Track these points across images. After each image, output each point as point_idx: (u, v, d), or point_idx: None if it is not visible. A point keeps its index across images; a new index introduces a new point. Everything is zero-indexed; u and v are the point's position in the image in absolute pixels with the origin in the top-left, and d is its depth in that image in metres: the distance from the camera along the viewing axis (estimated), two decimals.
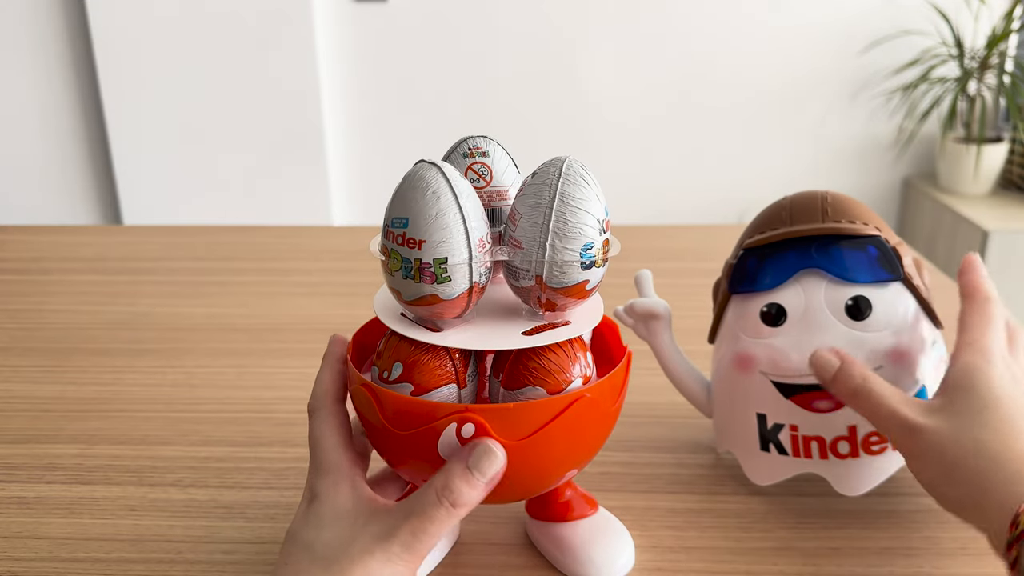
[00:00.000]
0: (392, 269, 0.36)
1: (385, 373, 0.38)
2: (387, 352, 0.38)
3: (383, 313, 0.40)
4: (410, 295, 0.37)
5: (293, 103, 2.10)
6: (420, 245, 0.35)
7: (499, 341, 0.37)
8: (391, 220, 0.36)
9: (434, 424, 0.36)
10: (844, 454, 0.47)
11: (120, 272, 0.89)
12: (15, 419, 0.60)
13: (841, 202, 0.49)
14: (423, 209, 0.35)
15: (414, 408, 0.36)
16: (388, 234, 0.36)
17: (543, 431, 0.36)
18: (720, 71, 2.19)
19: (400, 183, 0.36)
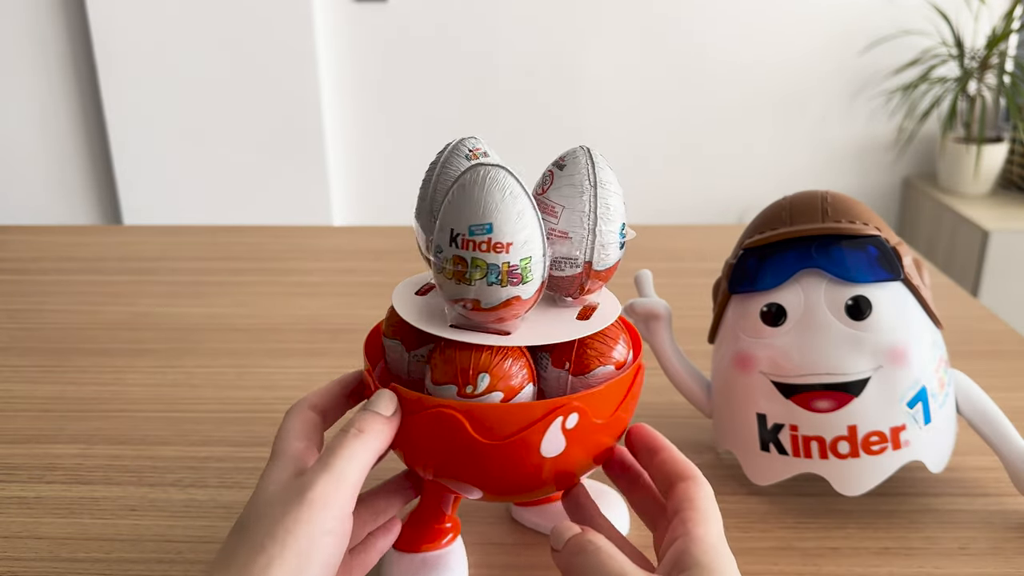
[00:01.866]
0: (473, 278, 0.35)
1: (469, 388, 0.36)
2: (458, 364, 0.37)
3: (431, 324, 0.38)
4: (492, 301, 0.35)
5: (293, 103, 2.10)
6: (508, 248, 0.35)
7: (562, 332, 0.38)
8: (469, 228, 0.34)
9: (540, 422, 0.36)
10: (844, 454, 0.47)
11: (120, 272, 0.89)
12: (15, 419, 0.60)
13: (841, 202, 0.49)
14: (506, 212, 0.34)
15: (515, 414, 0.36)
16: (465, 243, 0.35)
17: (622, 405, 0.39)
18: (720, 71, 2.19)
19: (465, 189, 0.35)
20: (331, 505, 0.33)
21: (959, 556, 0.46)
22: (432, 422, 0.36)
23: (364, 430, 0.35)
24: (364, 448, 0.35)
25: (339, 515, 0.33)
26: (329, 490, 0.33)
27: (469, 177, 0.35)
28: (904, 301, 0.47)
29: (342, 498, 0.33)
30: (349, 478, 0.34)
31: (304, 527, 0.32)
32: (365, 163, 2.26)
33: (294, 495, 0.33)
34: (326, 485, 0.33)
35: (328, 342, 0.72)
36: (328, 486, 0.33)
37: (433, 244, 0.36)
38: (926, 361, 0.47)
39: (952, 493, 0.51)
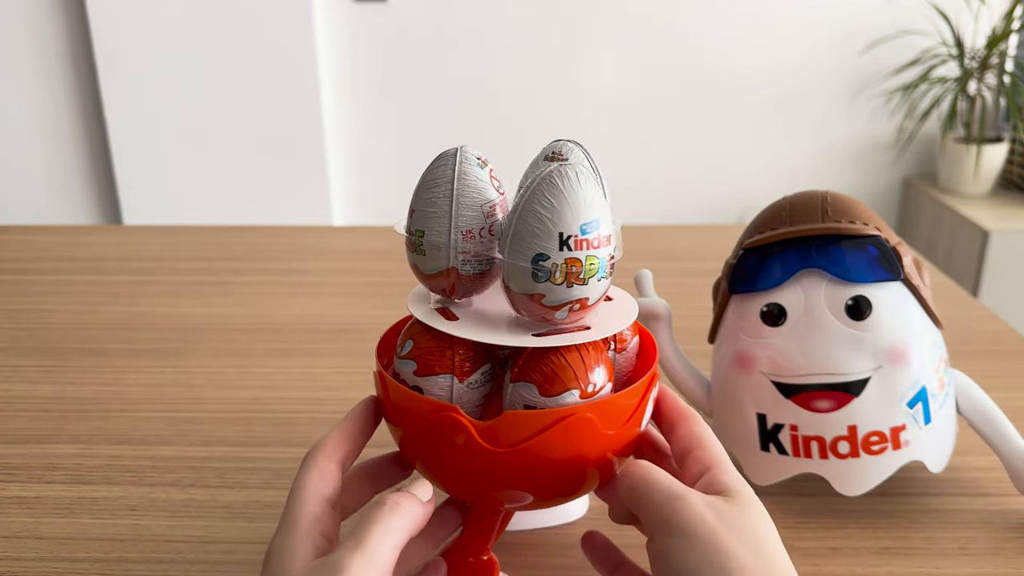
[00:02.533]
0: (587, 276, 0.35)
1: (590, 387, 0.36)
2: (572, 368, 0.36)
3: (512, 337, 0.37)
4: (558, 299, 0.35)
5: (293, 103, 2.10)
6: (609, 239, 0.35)
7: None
8: (581, 227, 0.34)
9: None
10: (844, 454, 0.47)
11: (120, 272, 0.89)
12: (15, 419, 0.60)
13: (841, 202, 0.49)
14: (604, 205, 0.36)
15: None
16: (579, 243, 0.34)
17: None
18: (720, 71, 2.19)
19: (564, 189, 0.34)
20: None
21: (959, 556, 0.46)
22: None
23: (401, 504, 0.33)
24: (399, 525, 0.32)
25: None
26: (365, 573, 0.30)
27: (559, 178, 0.34)
28: (904, 301, 0.47)
29: None
30: (384, 558, 0.31)
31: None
32: (365, 163, 2.26)
33: (324, 573, 0.30)
34: (362, 568, 0.30)
35: (328, 342, 0.72)
36: (365, 569, 0.30)
37: (526, 254, 0.35)
38: (926, 361, 0.47)
39: (952, 493, 0.51)
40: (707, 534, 0.31)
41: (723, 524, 0.31)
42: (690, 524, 0.31)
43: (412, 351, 0.37)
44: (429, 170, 0.38)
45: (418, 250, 0.37)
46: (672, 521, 0.32)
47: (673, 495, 0.33)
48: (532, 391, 0.36)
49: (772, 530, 0.33)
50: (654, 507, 0.33)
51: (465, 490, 0.38)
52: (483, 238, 0.37)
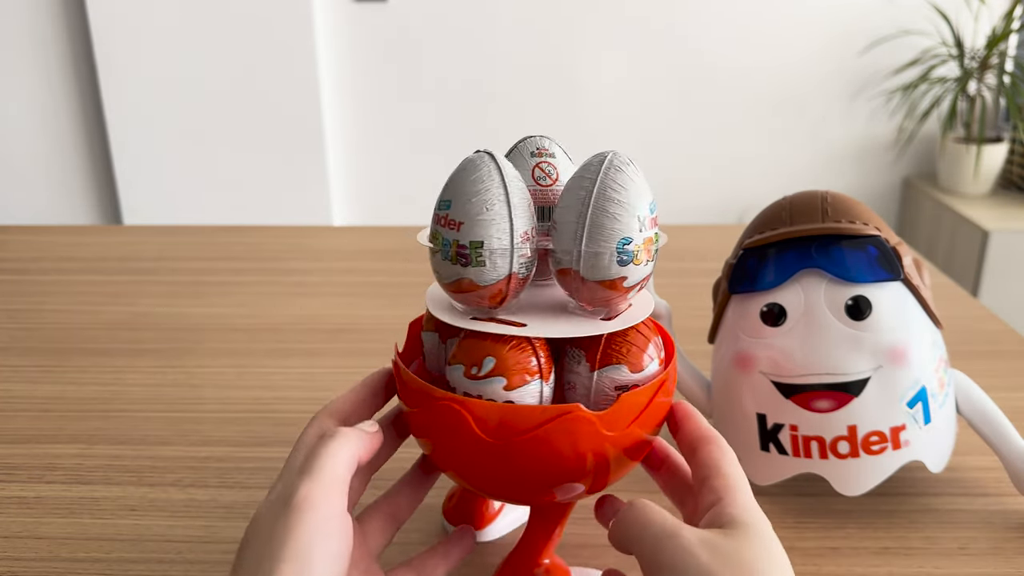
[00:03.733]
0: (655, 252, 0.37)
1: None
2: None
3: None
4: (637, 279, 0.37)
5: (293, 103, 2.10)
6: None
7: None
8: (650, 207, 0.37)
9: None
10: (844, 454, 0.47)
11: (120, 272, 0.89)
12: (15, 419, 0.60)
13: (841, 202, 0.49)
14: None
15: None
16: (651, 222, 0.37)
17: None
18: (720, 71, 2.19)
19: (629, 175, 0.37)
20: (317, 506, 0.32)
21: (959, 556, 0.46)
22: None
23: (343, 431, 0.35)
24: (345, 449, 0.34)
25: (328, 515, 0.32)
26: (313, 492, 0.32)
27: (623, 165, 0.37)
28: (904, 301, 0.47)
29: (328, 498, 0.33)
30: (330, 477, 0.33)
31: (295, 532, 0.31)
32: (365, 163, 2.26)
33: (281, 505, 0.32)
34: (308, 488, 0.32)
35: (328, 342, 0.72)
36: (311, 489, 0.32)
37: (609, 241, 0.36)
38: (926, 361, 0.47)
39: (952, 493, 0.51)
40: (697, 570, 0.30)
41: (716, 560, 0.31)
42: (680, 562, 0.31)
43: (496, 368, 0.36)
44: (470, 177, 0.36)
45: (475, 262, 0.35)
46: (663, 560, 0.32)
47: (665, 534, 0.32)
48: (623, 371, 0.37)
49: (776, 561, 0.32)
50: (647, 547, 0.32)
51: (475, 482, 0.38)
52: (534, 237, 0.37)
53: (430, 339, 0.41)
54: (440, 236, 0.36)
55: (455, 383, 0.37)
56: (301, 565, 0.31)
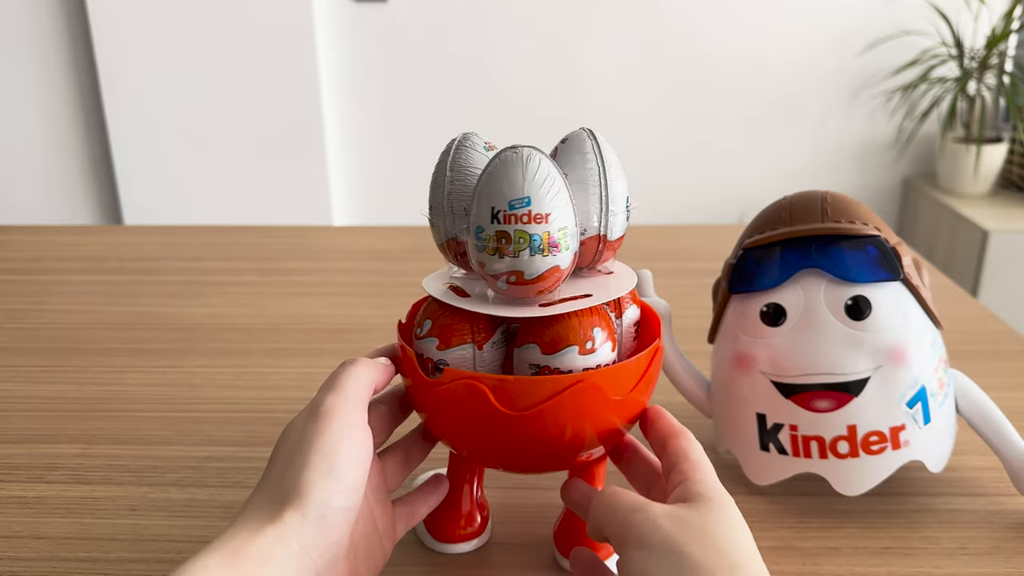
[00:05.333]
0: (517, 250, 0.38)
1: (589, 344, 0.39)
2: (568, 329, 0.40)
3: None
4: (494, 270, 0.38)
5: (293, 103, 2.10)
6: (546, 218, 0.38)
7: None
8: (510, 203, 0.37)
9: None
10: (844, 454, 0.47)
11: (120, 272, 0.89)
12: (15, 419, 0.60)
13: (841, 202, 0.49)
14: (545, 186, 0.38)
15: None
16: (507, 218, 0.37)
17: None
18: (720, 71, 2.19)
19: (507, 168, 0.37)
20: (341, 415, 0.36)
21: (959, 556, 0.46)
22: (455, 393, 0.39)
23: (363, 360, 0.40)
24: (365, 373, 0.39)
25: (351, 422, 0.36)
26: (337, 403, 0.37)
27: (508, 158, 0.37)
28: (904, 301, 0.47)
29: (350, 408, 0.37)
30: (352, 393, 0.37)
31: (322, 436, 0.35)
32: (365, 163, 2.26)
33: (309, 416, 0.37)
34: (333, 400, 0.37)
35: (328, 342, 0.72)
36: (336, 400, 0.37)
37: (472, 225, 0.38)
38: (926, 361, 0.47)
39: (952, 493, 0.51)
40: (663, 541, 0.32)
41: (680, 529, 0.32)
42: (647, 533, 0.33)
43: (431, 329, 0.40)
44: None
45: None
46: (630, 533, 0.33)
47: (632, 509, 0.34)
48: (535, 351, 0.39)
49: (740, 531, 0.34)
50: (616, 523, 0.34)
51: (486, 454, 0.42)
52: None
53: None
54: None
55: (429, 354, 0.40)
56: (328, 463, 0.35)
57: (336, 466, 0.35)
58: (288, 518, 0.33)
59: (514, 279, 0.38)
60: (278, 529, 0.33)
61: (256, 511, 0.34)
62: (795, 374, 0.47)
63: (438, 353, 0.40)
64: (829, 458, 0.47)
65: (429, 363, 0.40)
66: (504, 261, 0.37)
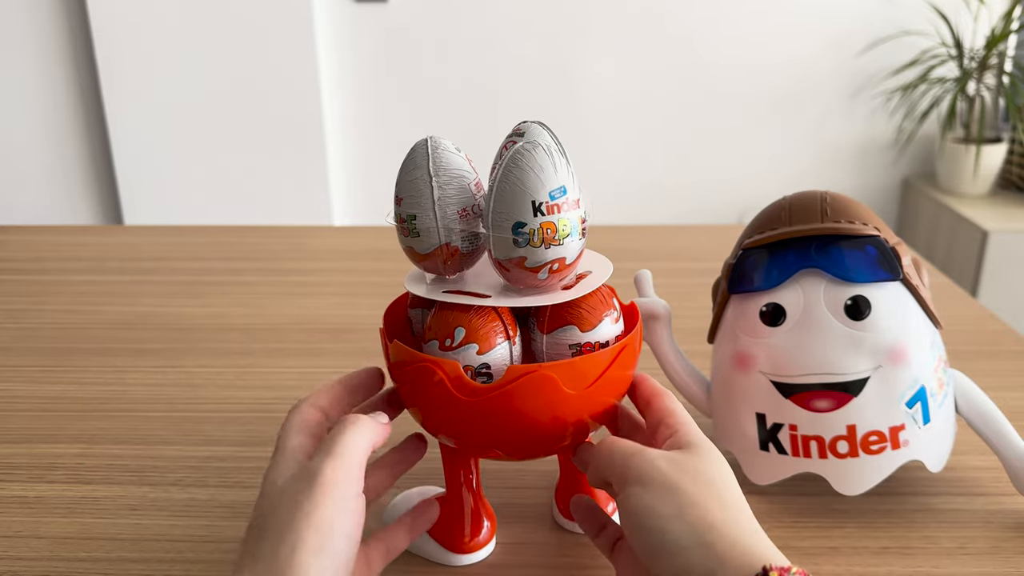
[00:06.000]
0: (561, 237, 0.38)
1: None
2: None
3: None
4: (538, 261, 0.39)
5: (293, 103, 2.10)
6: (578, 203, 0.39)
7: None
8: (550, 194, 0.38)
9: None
10: (843, 454, 0.47)
11: (120, 272, 0.89)
12: (15, 419, 0.60)
13: (840, 202, 0.49)
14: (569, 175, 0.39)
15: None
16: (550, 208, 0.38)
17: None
18: (720, 71, 2.19)
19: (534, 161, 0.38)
20: (340, 485, 0.35)
21: (958, 555, 0.46)
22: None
23: (362, 420, 0.38)
24: (363, 435, 0.37)
25: (349, 493, 0.35)
26: (337, 472, 0.35)
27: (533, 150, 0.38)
28: (903, 301, 0.48)
29: (349, 478, 0.35)
30: (353, 458, 0.36)
31: (320, 509, 0.34)
32: (365, 163, 2.26)
33: (305, 483, 0.35)
34: (334, 468, 0.35)
35: (328, 342, 0.72)
36: (336, 469, 0.35)
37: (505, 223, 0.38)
38: (925, 361, 0.47)
39: (951, 492, 0.51)
40: (660, 477, 0.35)
41: (675, 468, 0.36)
42: (645, 472, 0.36)
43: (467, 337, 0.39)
44: (407, 162, 0.41)
45: (412, 233, 0.41)
46: (630, 474, 0.36)
47: (630, 453, 0.37)
48: (574, 332, 0.40)
49: (727, 472, 0.37)
50: (616, 465, 0.37)
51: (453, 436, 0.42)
52: (476, 215, 0.41)
53: (416, 315, 0.45)
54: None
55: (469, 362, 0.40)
56: (323, 537, 0.34)
57: (331, 544, 0.34)
58: None
59: (556, 266, 0.39)
60: None
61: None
62: (795, 374, 0.47)
63: (479, 359, 0.39)
64: (829, 458, 0.47)
65: (469, 370, 0.39)
66: (551, 251, 0.38)
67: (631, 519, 0.35)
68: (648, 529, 0.34)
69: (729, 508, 0.35)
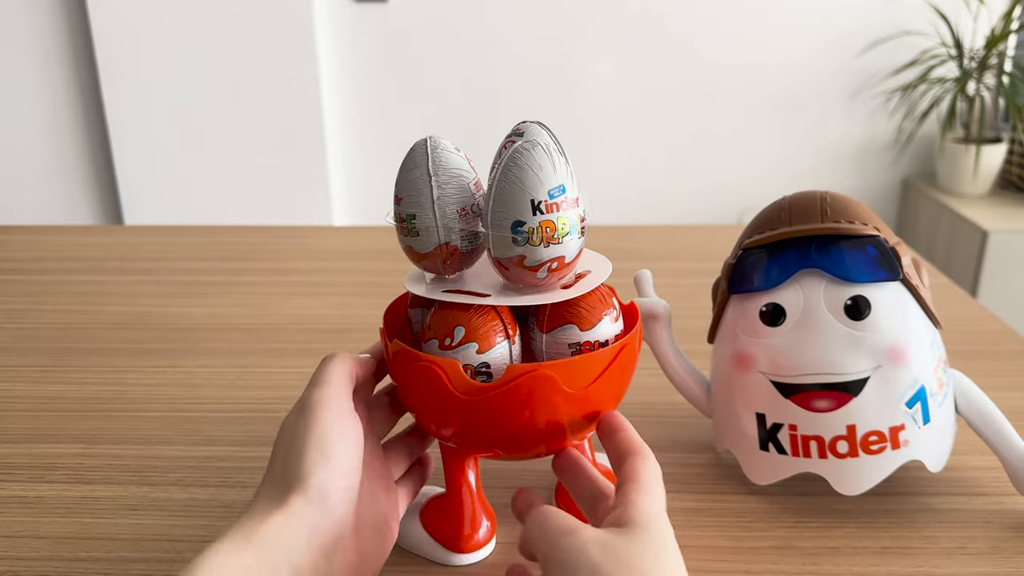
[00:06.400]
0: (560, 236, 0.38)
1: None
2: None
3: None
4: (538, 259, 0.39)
5: (293, 103, 2.10)
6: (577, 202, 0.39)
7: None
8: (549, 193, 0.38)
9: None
10: (843, 453, 0.47)
11: (120, 272, 0.89)
12: (15, 419, 0.60)
13: (840, 202, 0.49)
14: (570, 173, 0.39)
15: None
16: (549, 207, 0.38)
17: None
18: (720, 71, 2.19)
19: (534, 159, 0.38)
20: (329, 406, 0.38)
21: (958, 555, 0.46)
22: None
23: (340, 354, 0.42)
24: (343, 363, 0.41)
25: (338, 411, 0.39)
26: (323, 396, 0.39)
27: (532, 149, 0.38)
28: (903, 301, 0.48)
29: (337, 399, 0.39)
30: (336, 384, 0.40)
31: (313, 428, 0.37)
32: (365, 163, 2.26)
33: (299, 412, 0.39)
34: (320, 394, 0.39)
35: (328, 342, 0.72)
36: (322, 394, 0.39)
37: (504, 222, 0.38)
38: (925, 361, 0.47)
39: (951, 492, 0.51)
40: (588, 567, 0.32)
41: (605, 557, 0.32)
42: (571, 559, 0.32)
43: (467, 336, 0.40)
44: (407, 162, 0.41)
45: (411, 232, 0.41)
46: (557, 557, 0.33)
47: (561, 532, 0.34)
48: (574, 331, 0.41)
49: (667, 562, 0.33)
50: (545, 545, 0.34)
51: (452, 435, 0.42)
52: (475, 215, 0.41)
53: (416, 315, 0.45)
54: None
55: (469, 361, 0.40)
56: (322, 450, 0.37)
57: (330, 453, 0.37)
58: (293, 502, 0.35)
59: (556, 265, 0.39)
60: (285, 513, 0.35)
61: (264, 500, 0.36)
62: (794, 374, 0.47)
63: (479, 358, 0.40)
64: (828, 458, 0.47)
65: (469, 369, 0.40)
66: (550, 249, 0.38)
67: None
68: None
69: None
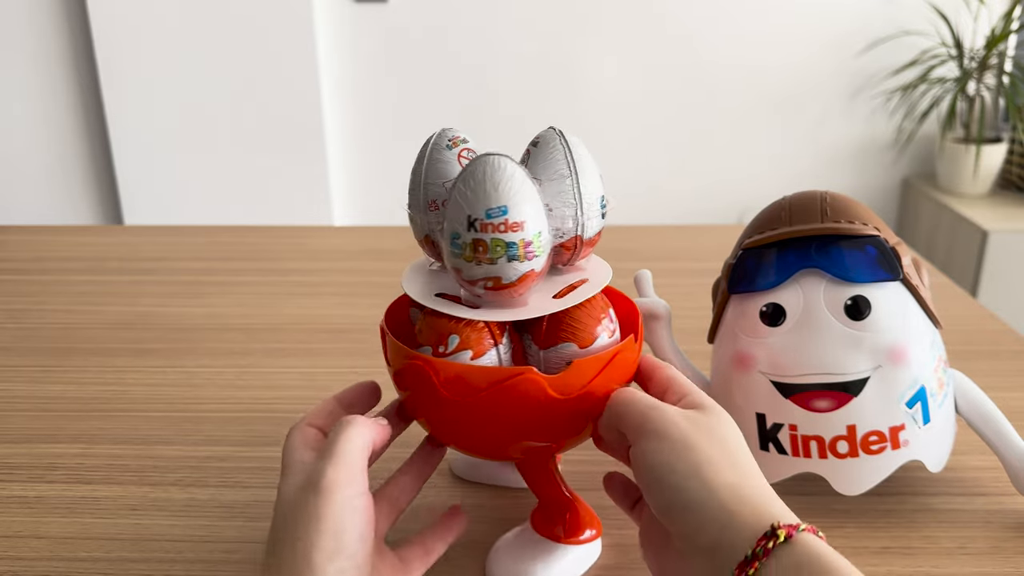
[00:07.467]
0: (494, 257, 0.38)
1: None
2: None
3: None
4: (471, 276, 0.38)
5: (293, 103, 2.10)
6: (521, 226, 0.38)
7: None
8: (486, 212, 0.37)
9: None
10: (843, 454, 0.47)
11: (120, 272, 0.89)
12: (15, 419, 0.60)
13: (840, 202, 0.49)
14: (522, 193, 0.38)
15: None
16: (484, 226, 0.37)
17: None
18: (720, 71, 2.19)
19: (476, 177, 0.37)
20: (344, 485, 0.35)
21: (958, 555, 0.46)
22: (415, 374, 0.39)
23: (359, 420, 0.38)
24: (359, 433, 0.37)
25: (354, 492, 0.36)
26: (339, 473, 0.36)
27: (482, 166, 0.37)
28: (903, 301, 0.48)
29: (352, 477, 0.36)
30: (352, 457, 0.36)
31: (328, 512, 0.35)
32: (365, 163, 2.26)
33: (310, 489, 0.36)
34: (335, 469, 0.36)
35: (328, 342, 0.72)
36: (337, 470, 0.36)
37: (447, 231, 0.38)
38: (925, 361, 0.47)
39: (951, 492, 0.51)
40: (678, 434, 0.36)
41: (692, 426, 0.37)
42: (662, 427, 0.36)
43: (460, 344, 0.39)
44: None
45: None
46: (648, 427, 0.37)
47: (649, 407, 0.38)
48: (572, 348, 0.40)
49: (737, 434, 0.38)
50: (633, 418, 0.38)
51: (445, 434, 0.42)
52: None
53: (417, 313, 0.45)
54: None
55: None
56: (335, 539, 0.35)
57: (343, 544, 0.35)
58: None
59: (491, 284, 0.38)
60: None
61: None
62: (794, 374, 0.47)
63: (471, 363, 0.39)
64: (829, 458, 0.47)
65: None
66: (481, 268, 0.38)
67: (647, 475, 0.36)
68: (664, 486, 0.35)
69: (740, 468, 0.36)
